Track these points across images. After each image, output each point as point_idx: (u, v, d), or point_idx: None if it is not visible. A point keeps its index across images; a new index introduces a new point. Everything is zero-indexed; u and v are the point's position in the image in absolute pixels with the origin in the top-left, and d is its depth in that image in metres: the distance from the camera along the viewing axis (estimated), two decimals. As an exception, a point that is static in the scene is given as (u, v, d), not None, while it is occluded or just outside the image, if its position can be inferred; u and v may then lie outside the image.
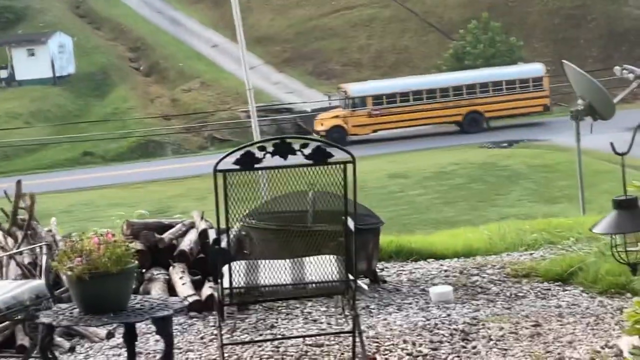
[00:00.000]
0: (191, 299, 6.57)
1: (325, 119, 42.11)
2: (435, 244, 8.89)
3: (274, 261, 5.20)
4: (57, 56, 55.17)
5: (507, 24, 51.24)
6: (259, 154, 4.73)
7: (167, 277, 7.05)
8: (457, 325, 6.10)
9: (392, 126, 40.97)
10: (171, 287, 6.88)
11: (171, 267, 7.13)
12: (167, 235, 7.44)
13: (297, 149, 4.77)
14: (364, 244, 7.11)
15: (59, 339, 5.91)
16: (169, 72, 55.73)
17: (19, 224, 7.22)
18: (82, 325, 5.11)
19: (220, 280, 5.02)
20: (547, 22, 54.46)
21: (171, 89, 53.73)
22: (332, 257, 5.18)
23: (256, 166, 4.75)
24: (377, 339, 5.90)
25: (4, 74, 54.83)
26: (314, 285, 5.03)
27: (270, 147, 4.75)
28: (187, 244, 7.32)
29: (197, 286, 6.90)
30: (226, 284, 4.97)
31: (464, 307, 6.57)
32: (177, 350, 5.83)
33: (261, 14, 58.49)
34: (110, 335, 6.11)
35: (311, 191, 5.72)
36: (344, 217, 5.05)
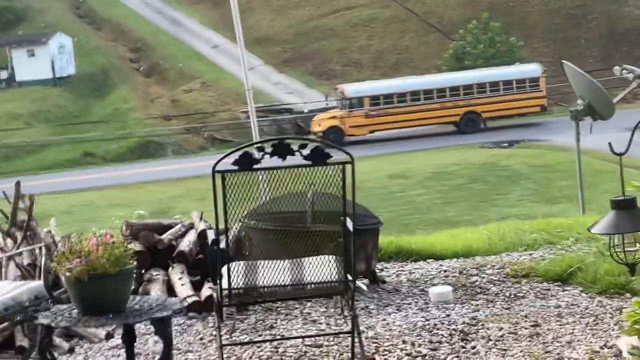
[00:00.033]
0: (190, 300, 6.57)
1: (322, 119, 41.95)
2: (434, 245, 8.89)
3: (272, 262, 5.20)
4: (58, 57, 55.19)
5: (507, 24, 51.26)
6: (257, 155, 4.72)
7: (166, 278, 7.05)
8: (456, 325, 6.10)
9: (389, 127, 40.90)
10: (170, 288, 6.88)
11: (170, 268, 7.13)
12: (167, 236, 7.44)
13: (295, 149, 4.77)
14: (363, 244, 7.11)
15: (58, 339, 5.91)
16: (170, 73, 55.77)
17: (19, 225, 7.22)
18: (80, 326, 5.11)
19: (219, 281, 5.02)
20: (547, 22, 54.48)
21: (171, 89, 53.76)
22: (331, 257, 5.17)
23: (255, 167, 4.75)
24: (376, 339, 5.90)
25: (4, 74, 54.86)
26: (312, 285, 5.03)
27: (268, 148, 4.75)
28: (186, 244, 7.32)
29: (197, 287, 6.89)
30: (225, 285, 4.97)
31: (463, 307, 6.57)
32: (176, 350, 5.83)
33: (261, 14, 58.54)
34: (109, 336, 6.10)
35: (310, 192, 5.71)
36: (343, 217, 5.05)
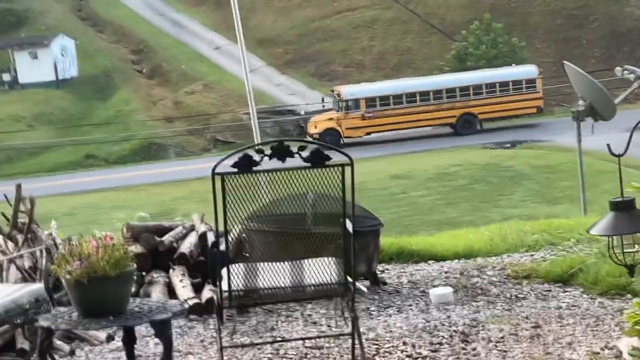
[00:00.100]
0: (191, 302, 6.57)
1: (318, 121, 41.72)
2: (436, 246, 8.89)
3: (273, 264, 5.20)
4: (60, 59, 55.22)
5: (509, 25, 51.22)
6: (256, 157, 4.73)
7: (167, 280, 7.05)
8: (457, 327, 6.11)
9: (385, 128, 40.78)
10: (171, 290, 6.89)
11: (171, 270, 7.13)
12: (167, 238, 7.44)
13: (295, 151, 4.77)
14: (364, 246, 7.12)
15: (58, 342, 5.91)
16: (172, 75, 55.79)
17: (20, 228, 7.22)
18: (80, 328, 5.11)
19: (219, 283, 5.02)
20: (549, 22, 54.44)
21: (174, 91, 53.77)
22: (331, 259, 5.17)
23: (254, 169, 4.75)
24: (377, 341, 5.91)
25: (6, 77, 54.89)
26: (312, 287, 5.03)
27: (268, 150, 4.75)
28: (187, 246, 7.32)
29: (197, 289, 6.90)
30: (225, 287, 4.97)
31: (464, 308, 6.57)
32: (177, 353, 5.83)
33: (263, 15, 58.55)
34: (110, 338, 6.11)
35: (311, 194, 5.71)
36: (343, 219, 5.05)
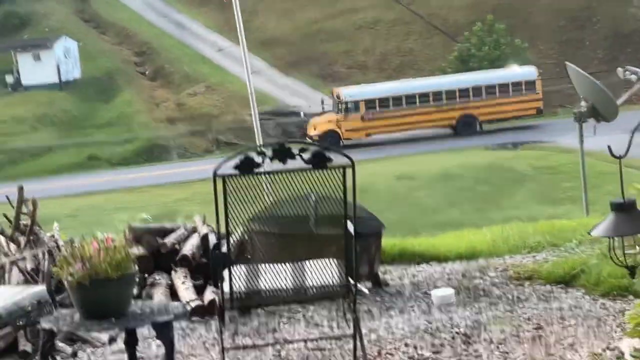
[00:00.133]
0: (193, 304, 6.58)
1: (317, 123, 41.47)
2: (438, 247, 8.90)
3: (274, 265, 5.20)
4: (63, 61, 55.24)
5: (512, 26, 51.15)
6: (257, 159, 4.73)
7: (169, 282, 7.06)
8: (458, 328, 6.10)
9: (385, 130, 40.60)
10: (173, 292, 6.90)
11: (173, 272, 7.14)
12: (170, 239, 7.45)
13: (296, 153, 4.77)
14: (366, 247, 7.13)
15: (61, 344, 5.92)
16: (175, 76, 55.79)
17: (22, 230, 7.24)
18: (82, 330, 5.12)
19: (220, 284, 5.02)
20: (551, 23, 54.37)
21: (177, 93, 53.77)
22: (333, 261, 5.18)
23: (255, 171, 4.75)
24: (379, 342, 5.91)
25: (10, 79, 54.91)
26: (314, 289, 5.04)
27: (269, 152, 4.75)
28: (189, 248, 7.33)
29: (200, 291, 6.91)
30: (226, 289, 4.97)
31: (465, 310, 6.57)
32: (179, 354, 5.84)
33: (266, 17, 58.55)
34: (112, 340, 6.12)
35: (313, 195, 5.71)
36: (344, 221, 5.05)
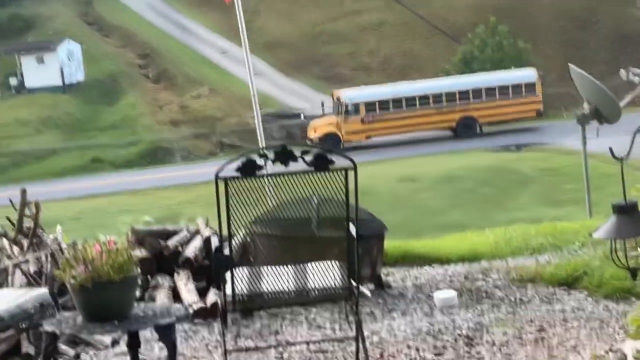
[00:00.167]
0: (196, 306, 6.59)
1: (317, 125, 41.29)
2: (441, 249, 8.90)
3: (276, 267, 5.21)
4: (67, 63, 55.26)
5: (514, 28, 51.08)
6: (260, 161, 4.73)
7: (172, 284, 7.07)
8: (461, 330, 6.11)
9: (385, 132, 40.49)
10: (176, 294, 6.90)
11: (176, 274, 7.15)
12: (172, 242, 7.46)
13: (298, 155, 4.78)
14: (368, 249, 7.13)
15: (64, 346, 5.92)
16: (178, 79, 55.81)
17: (25, 232, 7.25)
18: (85, 333, 5.12)
19: (223, 287, 5.03)
20: (554, 25, 54.34)
21: (180, 95, 53.79)
22: (335, 263, 5.18)
23: (257, 173, 4.76)
24: (381, 344, 5.91)
25: (13, 81, 54.93)
26: (316, 291, 5.04)
27: (271, 154, 4.76)
28: (191, 251, 7.34)
29: (202, 293, 6.91)
30: (229, 291, 4.97)
31: (468, 312, 6.57)
32: (182, 357, 5.85)
33: (269, 19, 58.57)
34: (114, 342, 6.12)
35: (315, 198, 5.71)
36: (346, 223, 5.06)
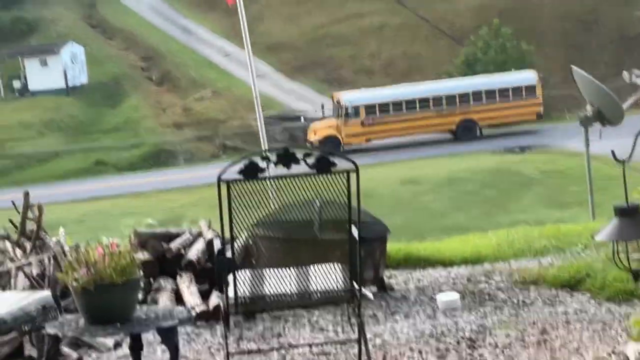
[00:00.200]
0: (198, 309, 6.59)
1: (318, 128, 41.23)
2: (443, 251, 8.89)
3: (279, 270, 5.21)
4: (70, 66, 55.31)
5: (518, 30, 51.06)
6: (262, 164, 4.74)
7: (174, 287, 7.07)
8: (463, 332, 6.10)
9: (385, 135, 40.42)
10: (179, 297, 6.90)
11: (178, 277, 7.15)
12: (175, 244, 7.46)
13: (300, 158, 4.78)
14: (370, 252, 7.13)
15: (66, 349, 5.92)
16: (181, 81, 55.86)
17: (28, 235, 7.25)
18: (87, 335, 5.13)
19: (225, 289, 5.03)
20: (557, 27, 54.33)
21: (183, 97, 53.84)
22: (337, 265, 5.18)
23: (259, 176, 4.76)
24: (384, 347, 5.91)
25: (17, 84, 55.03)
26: (318, 294, 5.04)
27: (273, 157, 4.76)
28: (194, 253, 7.34)
29: (205, 295, 6.91)
30: (231, 294, 4.98)
31: (471, 314, 6.56)
32: (184, 359, 5.85)
33: (272, 22, 58.61)
34: (117, 345, 6.12)
35: (318, 200, 5.71)
36: (348, 225, 5.06)
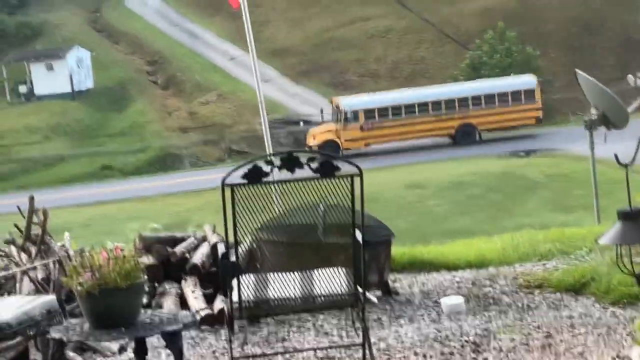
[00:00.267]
0: (203, 313, 6.60)
1: (317, 133, 41.14)
2: (448, 255, 8.89)
3: (283, 274, 5.21)
4: (76, 70, 55.42)
5: (523, 33, 51.04)
6: (266, 168, 4.75)
7: (179, 291, 7.08)
8: (468, 336, 6.10)
9: (385, 140, 40.35)
10: (183, 301, 6.91)
11: (183, 281, 7.16)
12: (179, 248, 7.48)
13: (304, 162, 4.79)
14: (375, 255, 7.13)
15: (71, 353, 5.94)
16: (187, 85, 55.94)
17: (33, 239, 7.27)
18: (92, 340, 5.14)
19: (229, 293, 5.04)
20: (563, 31, 54.29)
21: (189, 101, 53.91)
22: (342, 269, 5.19)
23: (263, 180, 4.77)
24: (388, 351, 5.91)
25: (23, 89, 55.13)
26: (322, 298, 5.04)
27: (277, 161, 4.77)
28: (199, 257, 7.35)
29: (209, 300, 6.92)
30: (235, 298, 4.98)
31: (475, 318, 6.56)
32: (189, 363, 5.86)
33: (278, 26, 58.68)
34: (122, 349, 6.13)
35: (322, 204, 5.72)
36: (352, 229, 5.06)
